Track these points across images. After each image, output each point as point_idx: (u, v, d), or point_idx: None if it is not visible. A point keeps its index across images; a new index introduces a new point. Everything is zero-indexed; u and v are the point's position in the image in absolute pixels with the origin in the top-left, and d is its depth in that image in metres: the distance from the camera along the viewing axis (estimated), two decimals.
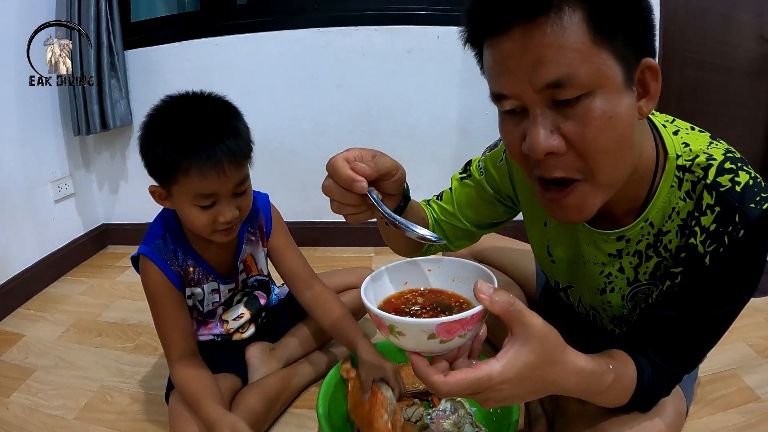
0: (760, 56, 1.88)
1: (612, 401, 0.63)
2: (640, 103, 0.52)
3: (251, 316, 1.08)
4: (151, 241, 0.92)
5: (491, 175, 0.78)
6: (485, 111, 1.80)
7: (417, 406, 0.94)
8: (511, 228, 0.92)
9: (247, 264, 1.05)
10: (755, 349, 1.21)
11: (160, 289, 0.92)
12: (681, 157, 0.58)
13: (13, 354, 1.31)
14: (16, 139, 1.60)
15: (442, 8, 1.73)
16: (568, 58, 0.46)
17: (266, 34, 1.76)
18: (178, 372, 0.91)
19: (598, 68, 0.47)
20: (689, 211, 0.58)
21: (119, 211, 2.06)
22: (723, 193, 0.54)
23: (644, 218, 0.61)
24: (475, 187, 0.81)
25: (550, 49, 0.46)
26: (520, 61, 0.48)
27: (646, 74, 0.51)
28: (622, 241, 0.65)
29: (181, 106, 0.84)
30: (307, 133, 1.86)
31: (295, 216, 1.98)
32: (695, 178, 0.57)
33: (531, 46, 0.47)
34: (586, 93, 0.48)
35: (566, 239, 0.73)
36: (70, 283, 1.76)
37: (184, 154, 0.79)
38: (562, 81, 0.47)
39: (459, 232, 0.84)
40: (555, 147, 0.50)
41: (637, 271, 0.66)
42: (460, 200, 0.82)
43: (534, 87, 0.48)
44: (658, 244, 0.62)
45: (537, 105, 0.49)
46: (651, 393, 0.64)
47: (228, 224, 0.86)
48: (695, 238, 0.57)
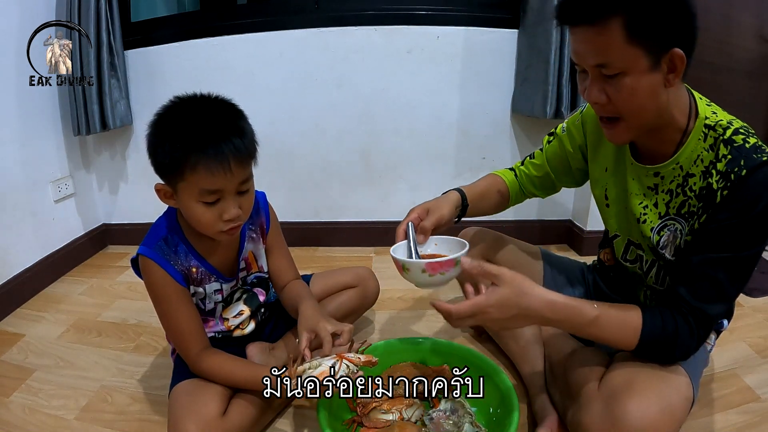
0: (760, 56, 1.88)
1: (613, 337, 0.78)
2: (668, 76, 0.71)
3: (251, 313, 1.08)
4: (153, 242, 0.92)
5: (571, 132, 1.01)
6: (485, 111, 1.81)
7: (417, 406, 0.94)
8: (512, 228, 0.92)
9: (248, 261, 1.06)
10: (755, 349, 1.21)
11: (167, 288, 0.92)
12: (708, 119, 0.77)
13: (13, 354, 1.31)
14: (16, 139, 1.60)
15: (442, 8, 1.74)
16: (608, 51, 0.70)
17: (266, 34, 1.76)
18: (204, 362, 0.93)
19: (629, 58, 0.69)
20: (711, 160, 0.75)
21: (119, 211, 2.07)
22: (735, 147, 0.73)
23: (675, 160, 0.80)
24: (559, 143, 1.04)
25: (597, 44, 0.70)
26: (582, 47, 0.73)
27: (675, 58, 0.69)
28: (657, 177, 0.84)
29: (189, 105, 0.86)
30: (307, 133, 1.87)
31: (295, 216, 1.98)
32: (716, 135, 0.75)
33: (587, 40, 0.71)
34: (621, 72, 0.71)
35: (619, 178, 0.92)
36: (70, 283, 1.76)
37: (193, 150, 0.80)
38: (603, 64, 0.71)
39: (546, 182, 1.09)
40: (600, 99, 0.75)
41: (668, 207, 0.84)
42: (548, 153, 1.06)
43: (589, 64, 0.73)
44: (685, 185, 0.80)
45: (592, 72, 0.74)
46: (669, 336, 0.76)
47: (232, 222, 0.87)
48: (712, 178, 0.75)
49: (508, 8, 1.70)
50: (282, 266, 1.11)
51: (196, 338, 0.95)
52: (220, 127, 0.83)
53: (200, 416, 0.85)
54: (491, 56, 1.74)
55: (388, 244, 0.89)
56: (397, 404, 0.93)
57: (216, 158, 0.80)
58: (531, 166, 1.09)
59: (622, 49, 0.68)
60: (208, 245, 0.96)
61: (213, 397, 0.89)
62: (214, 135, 0.82)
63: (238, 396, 0.94)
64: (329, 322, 0.91)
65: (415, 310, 1.48)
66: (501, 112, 1.81)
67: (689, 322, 0.76)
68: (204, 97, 0.87)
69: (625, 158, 0.89)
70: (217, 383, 0.92)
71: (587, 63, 0.74)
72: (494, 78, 1.76)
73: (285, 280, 1.10)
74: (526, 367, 1.06)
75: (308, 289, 1.08)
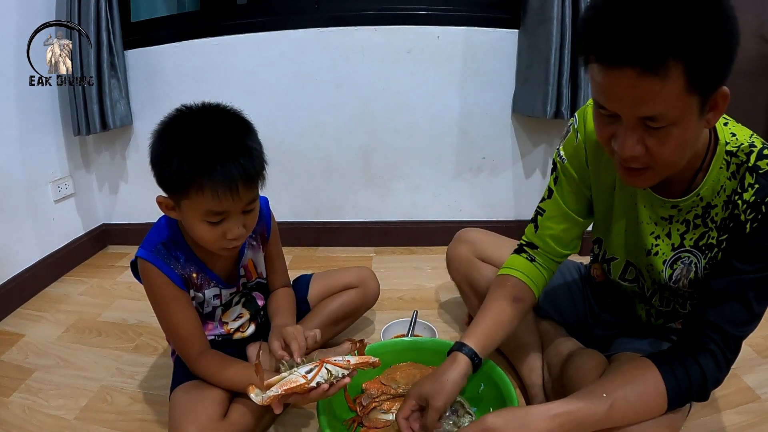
0: (760, 56, 1.88)
1: (638, 416, 0.70)
2: (708, 116, 0.62)
3: (250, 316, 1.08)
4: (152, 246, 0.92)
5: (571, 154, 0.87)
6: (485, 111, 1.81)
7: None
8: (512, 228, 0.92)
9: (248, 269, 1.06)
10: (755, 349, 1.21)
11: (166, 291, 0.92)
12: (729, 144, 0.70)
13: (13, 354, 1.31)
14: (16, 139, 1.60)
15: (442, 8, 1.73)
16: (663, 102, 0.57)
17: (266, 34, 1.76)
18: (203, 364, 0.93)
19: (684, 109, 0.58)
20: (733, 188, 0.70)
21: (119, 211, 2.07)
22: (762, 174, 0.67)
23: (696, 193, 0.73)
24: (565, 175, 0.89)
25: (652, 93, 0.56)
26: (627, 93, 0.58)
27: (719, 98, 0.60)
28: (675, 210, 0.77)
29: (197, 118, 0.83)
30: (307, 133, 1.87)
31: (295, 216, 1.98)
32: (739, 161, 0.69)
33: (638, 86, 0.56)
34: (670, 123, 0.59)
35: (628, 203, 0.83)
36: (70, 283, 1.76)
37: (200, 172, 0.78)
38: (654, 117, 0.58)
39: (574, 229, 0.91)
40: (638, 153, 0.62)
41: (683, 237, 0.77)
42: (563, 195, 0.90)
43: (633, 114, 0.60)
44: (705, 216, 0.74)
45: (631, 121, 0.61)
46: (698, 383, 0.71)
47: (235, 240, 0.86)
48: (738, 209, 0.69)
49: (508, 8, 1.70)
50: (274, 273, 1.12)
51: (195, 341, 0.95)
52: (229, 146, 0.80)
53: (201, 420, 0.85)
54: (491, 56, 1.74)
55: (388, 244, 0.87)
56: (397, 404, 0.93)
57: (224, 182, 0.78)
58: (550, 223, 0.91)
59: (680, 99, 0.57)
60: (207, 252, 0.96)
61: (213, 400, 0.89)
62: (222, 156, 0.79)
63: (239, 399, 0.94)
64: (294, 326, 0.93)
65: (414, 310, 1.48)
66: (501, 112, 1.80)
67: (714, 355, 0.71)
68: (212, 108, 0.84)
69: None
70: (217, 385, 0.92)
71: (628, 112, 0.60)
72: (494, 78, 1.76)
73: (275, 286, 1.12)
74: (525, 368, 1.06)
75: (291, 302, 1.11)
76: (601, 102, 0.63)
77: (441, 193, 1.93)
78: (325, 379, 0.80)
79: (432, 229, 1.94)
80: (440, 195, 1.93)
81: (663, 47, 0.53)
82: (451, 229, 1.37)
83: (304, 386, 0.78)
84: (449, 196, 1.93)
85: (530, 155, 1.85)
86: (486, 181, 1.90)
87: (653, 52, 0.54)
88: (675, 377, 0.70)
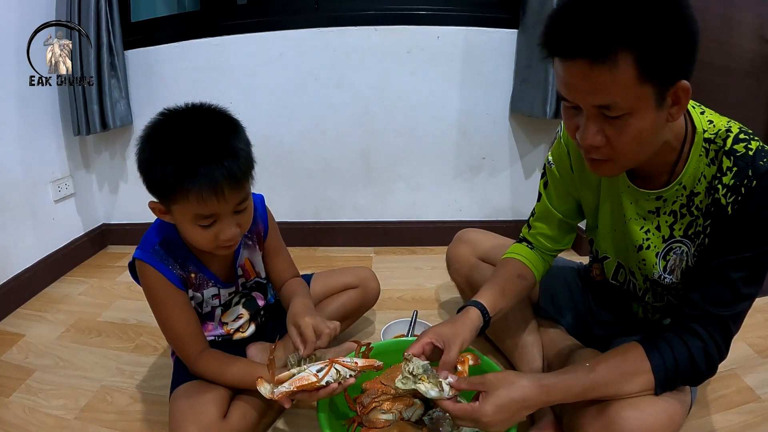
0: (760, 56, 1.87)
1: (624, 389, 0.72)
2: (671, 110, 0.65)
3: (250, 316, 1.08)
4: (149, 246, 0.91)
5: (557, 159, 0.93)
6: (485, 111, 1.81)
7: (417, 406, 0.94)
8: (512, 228, 0.92)
9: (245, 269, 1.05)
10: (755, 349, 1.21)
11: (164, 291, 0.92)
12: (707, 132, 0.72)
13: (13, 354, 1.31)
14: (16, 139, 1.60)
15: (442, 8, 1.73)
16: (615, 91, 0.60)
17: (266, 34, 1.76)
18: (202, 363, 0.93)
19: (638, 97, 0.61)
20: (713, 174, 0.72)
21: (119, 211, 2.07)
22: (738, 157, 0.69)
23: (678, 182, 0.75)
24: (552, 179, 0.95)
25: (604, 82, 0.60)
26: (581, 83, 0.62)
27: (679, 91, 0.63)
28: (660, 201, 0.79)
29: (180, 121, 0.81)
30: (307, 133, 1.86)
31: (295, 216, 1.98)
32: (717, 147, 0.71)
33: (590, 77, 0.60)
34: (626, 113, 0.62)
35: (614, 202, 0.86)
36: (70, 283, 1.76)
37: (184, 177, 0.77)
38: (608, 106, 0.62)
39: (562, 229, 0.98)
40: (597, 142, 0.66)
41: (672, 228, 0.80)
42: (550, 198, 0.97)
43: (589, 103, 0.64)
44: (690, 205, 0.76)
45: (590, 111, 0.65)
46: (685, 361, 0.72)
47: (229, 242, 0.86)
48: (718, 193, 0.71)
49: (508, 8, 1.70)
50: (282, 269, 1.11)
51: (194, 341, 0.95)
52: (213, 148, 0.78)
53: (201, 420, 0.85)
54: (491, 56, 1.74)
55: (388, 244, 0.88)
56: (397, 404, 0.93)
57: (208, 185, 0.77)
58: (540, 223, 0.99)
59: (633, 88, 0.60)
60: (205, 251, 0.95)
61: (213, 401, 0.89)
62: (205, 158, 0.77)
63: (239, 398, 0.94)
64: (312, 317, 0.91)
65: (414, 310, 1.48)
66: (501, 112, 1.81)
67: (697, 334, 0.73)
68: (195, 108, 0.83)
69: (619, 181, 0.84)
70: (217, 384, 0.92)
71: (584, 101, 0.64)
72: (494, 78, 1.76)
73: (285, 279, 1.10)
74: (524, 367, 1.06)
75: (304, 287, 1.08)
76: (563, 94, 0.66)
77: (441, 193, 1.93)
78: (333, 378, 0.81)
79: (432, 229, 1.94)
80: (440, 195, 1.93)
81: (610, 38, 0.57)
82: (451, 229, 1.37)
83: (314, 384, 0.80)
84: (449, 196, 1.93)
85: (530, 155, 1.86)
86: (486, 181, 1.90)
87: (601, 44, 0.58)
88: (660, 354, 0.73)
